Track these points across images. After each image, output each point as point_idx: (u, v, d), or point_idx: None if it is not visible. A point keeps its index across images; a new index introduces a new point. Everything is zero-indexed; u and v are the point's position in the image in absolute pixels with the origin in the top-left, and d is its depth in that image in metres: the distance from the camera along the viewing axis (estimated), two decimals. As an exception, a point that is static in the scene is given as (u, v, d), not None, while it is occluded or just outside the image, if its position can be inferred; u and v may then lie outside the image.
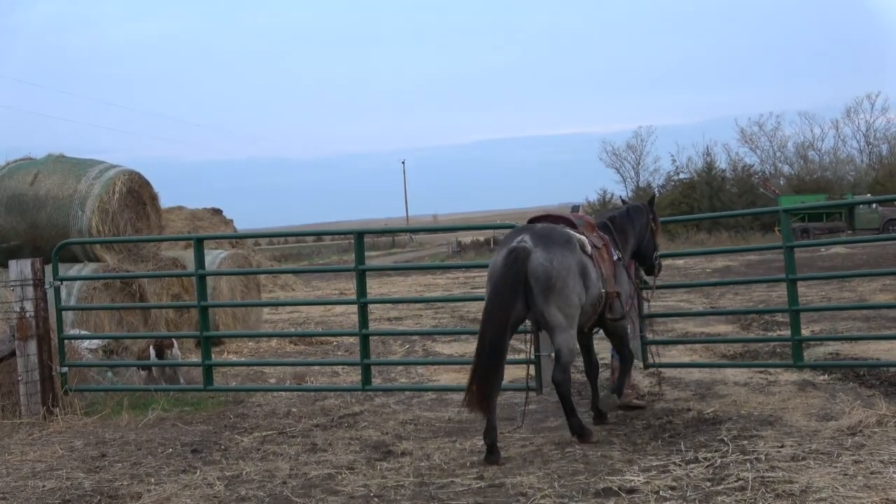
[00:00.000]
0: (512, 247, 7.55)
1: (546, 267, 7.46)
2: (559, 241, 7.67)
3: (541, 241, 7.57)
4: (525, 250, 7.48)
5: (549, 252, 7.51)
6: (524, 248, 7.49)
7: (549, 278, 7.47)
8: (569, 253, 7.64)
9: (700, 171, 68.44)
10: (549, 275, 7.47)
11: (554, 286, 7.49)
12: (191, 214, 37.72)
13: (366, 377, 9.96)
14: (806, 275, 12.76)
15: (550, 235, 7.69)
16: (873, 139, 75.33)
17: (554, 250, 7.55)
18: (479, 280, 32.34)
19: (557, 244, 7.62)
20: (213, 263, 16.80)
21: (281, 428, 9.12)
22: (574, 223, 8.19)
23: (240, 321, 17.19)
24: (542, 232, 7.73)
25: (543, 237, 7.63)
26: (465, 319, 19.43)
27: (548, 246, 7.55)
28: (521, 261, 7.44)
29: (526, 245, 7.52)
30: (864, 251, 33.11)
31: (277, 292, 34.15)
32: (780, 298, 19.75)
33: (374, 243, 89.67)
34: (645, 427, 8.36)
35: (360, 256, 10.01)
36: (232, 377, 12.71)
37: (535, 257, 7.47)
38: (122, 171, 14.69)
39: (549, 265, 7.47)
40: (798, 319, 9.86)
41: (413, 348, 15.09)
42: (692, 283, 19.77)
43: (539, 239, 7.59)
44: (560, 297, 7.53)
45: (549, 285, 7.48)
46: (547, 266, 7.46)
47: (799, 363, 9.86)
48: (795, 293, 9.86)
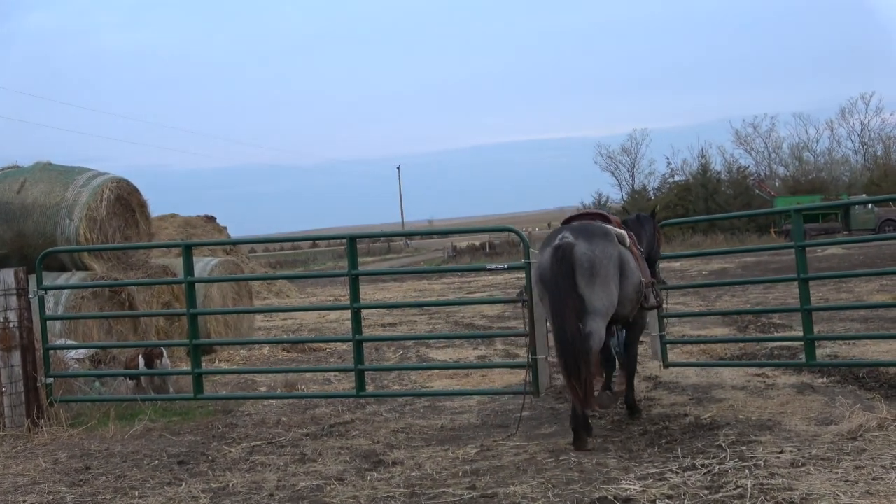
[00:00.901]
0: (556, 244, 7.98)
1: (589, 255, 7.92)
2: (598, 233, 8.17)
3: (581, 235, 8.06)
4: (569, 244, 7.93)
5: (591, 243, 8.00)
6: (568, 243, 7.94)
7: (593, 265, 7.91)
8: (608, 243, 8.12)
9: (695, 173, 68.34)
10: (592, 262, 7.91)
11: (598, 272, 7.93)
12: (184, 222, 37.54)
13: (360, 383, 9.79)
14: (818, 274, 12.60)
15: (589, 229, 8.20)
16: (868, 139, 75.35)
17: (595, 241, 8.04)
18: (475, 285, 32.20)
19: (597, 236, 8.12)
20: (204, 271, 16.63)
21: (270, 437, 8.93)
22: (609, 219, 8.80)
23: (232, 329, 17.01)
24: (580, 228, 8.24)
25: (583, 231, 8.14)
26: (461, 325, 19.27)
27: (588, 238, 8.04)
28: (567, 254, 7.87)
29: (569, 240, 7.98)
30: (860, 251, 33.00)
31: (272, 299, 33.95)
32: (777, 300, 19.66)
33: (369, 249, 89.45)
34: (641, 433, 8.19)
35: (353, 261, 9.86)
36: (222, 386, 12.51)
37: (578, 248, 7.92)
38: (111, 178, 14.51)
39: (591, 254, 7.93)
40: (810, 319, 9.75)
41: (407, 354, 14.92)
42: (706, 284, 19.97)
43: (579, 233, 8.09)
44: (602, 283, 7.96)
45: (592, 272, 7.91)
46: (589, 254, 7.92)
47: (811, 362, 9.78)
48: (808, 293, 9.77)
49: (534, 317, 8.90)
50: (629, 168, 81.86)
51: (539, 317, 8.87)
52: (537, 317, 8.86)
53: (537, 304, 8.70)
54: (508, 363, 11.94)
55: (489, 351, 14.67)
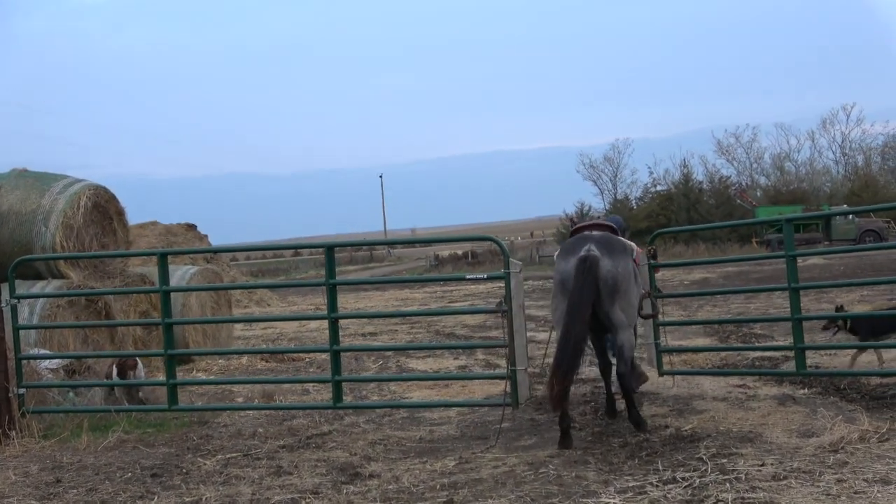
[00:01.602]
0: (583, 255, 8.26)
1: (613, 273, 8.26)
2: (619, 248, 8.53)
3: (605, 250, 8.34)
4: (595, 258, 8.22)
5: (614, 259, 8.32)
6: (594, 256, 8.23)
7: (616, 282, 8.28)
8: (628, 259, 8.57)
9: (677, 183, 68.56)
10: (616, 279, 8.28)
11: (620, 289, 8.33)
12: (165, 230, 37.34)
13: (337, 394, 9.63)
14: (809, 283, 12.57)
15: (612, 243, 8.52)
16: (849, 150, 75.77)
17: (617, 257, 8.37)
18: (457, 294, 32.12)
19: (619, 251, 8.47)
20: (182, 279, 16.48)
21: (246, 449, 8.79)
22: (616, 230, 9.17)
23: (210, 338, 16.84)
24: (603, 240, 8.50)
25: (607, 245, 8.43)
26: (441, 334, 19.17)
27: (612, 253, 8.35)
28: (593, 267, 8.17)
29: (595, 253, 8.25)
30: (841, 261, 33.11)
31: (253, 308, 33.74)
32: (758, 310, 19.64)
33: (351, 258, 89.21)
34: (621, 445, 8.09)
35: (331, 270, 9.68)
36: (198, 396, 12.34)
37: (603, 264, 8.22)
38: (88, 185, 14.35)
39: (615, 271, 8.27)
40: (801, 328, 9.70)
41: (387, 364, 14.80)
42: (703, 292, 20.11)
43: (603, 247, 8.36)
44: (624, 298, 8.40)
45: (615, 289, 8.29)
46: (614, 272, 8.26)
47: (802, 371, 9.74)
48: (798, 302, 9.74)
49: (513, 327, 8.79)
50: (611, 177, 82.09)
51: (519, 327, 8.78)
52: (517, 327, 8.76)
53: (516, 314, 8.63)
54: (487, 374, 11.83)
55: (470, 361, 14.57)
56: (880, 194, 59.59)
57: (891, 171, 71.74)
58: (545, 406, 10.26)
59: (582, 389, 11.15)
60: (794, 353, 9.92)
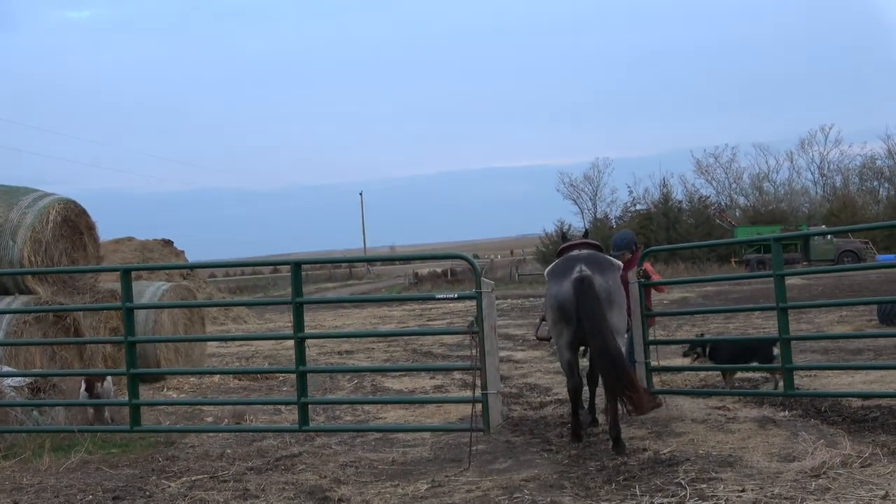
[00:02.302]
0: (577, 276, 8.66)
1: (607, 287, 8.73)
2: (608, 265, 9.04)
3: (596, 268, 8.81)
4: (588, 276, 8.64)
5: (605, 275, 8.82)
6: (588, 275, 8.65)
7: (610, 295, 8.74)
8: (617, 274, 9.09)
9: (657, 203, 68.62)
10: (609, 293, 8.74)
11: (614, 302, 8.79)
12: (141, 245, 36.96)
13: (303, 417, 9.30)
14: (797, 303, 12.43)
15: (600, 261, 9.02)
16: (827, 171, 76.16)
17: (607, 273, 8.88)
18: (435, 312, 31.88)
19: (608, 268, 8.98)
20: (154, 296, 16.19)
21: (212, 472, 8.53)
22: (600, 248, 9.62)
23: (183, 356, 16.54)
24: (592, 259, 8.97)
25: (597, 264, 8.91)
26: (418, 353, 18.95)
27: (602, 270, 8.85)
28: (590, 285, 8.58)
29: (587, 272, 8.68)
30: (820, 282, 33.16)
31: (229, 325, 33.42)
32: (737, 329, 19.53)
33: (330, 275, 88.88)
34: (598, 469, 7.88)
35: (298, 288, 9.33)
36: (167, 415, 12.02)
37: (596, 280, 8.67)
38: (57, 199, 14.05)
39: (607, 285, 8.75)
40: (789, 348, 9.52)
41: (362, 383, 14.54)
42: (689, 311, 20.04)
43: (593, 266, 8.82)
44: (618, 309, 8.86)
45: (610, 301, 8.72)
46: (607, 287, 8.74)
47: (790, 392, 9.56)
48: (786, 322, 9.57)
49: (485, 349, 8.50)
50: (591, 196, 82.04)
51: (490, 349, 8.52)
52: (488, 349, 8.49)
53: (488, 335, 8.40)
54: (457, 398, 11.50)
55: (446, 380, 14.34)
56: (858, 215, 59.89)
57: (869, 192, 72.14)
58: (521, 427, 10.07)
59: (559, 410, 10.95)
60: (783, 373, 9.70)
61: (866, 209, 64.89)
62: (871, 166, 72.73)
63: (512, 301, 37.08)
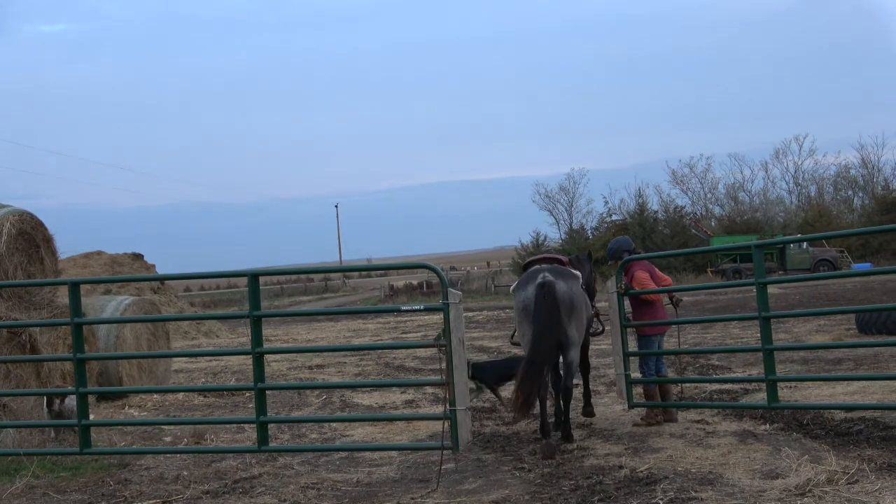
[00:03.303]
0: (540, 282, 9.12)
1: (569, 294, 9.17)
2: (569, 275, 9.47)
3: (559, 275, 9.29)
4: (551, 282, 9.11)
5: (567, 283, 9.25)
6: (550, 281, 9.11)
7: (572, 302, 9.17)
8: (578, 283, 9.46)
9: (632, 213, 68.42)
10: (572, 299, 9.18)
11: (575, 308, 9.20)
12: (111, 259, 36.32)
13: (262, 437, 8.71)
14: (780, 312, 12.04)
15: (562, 271, 9.49)
16: (802, 180, 76.17)
17: (570, 281, 9.31)
18: (410, 325, 31.45)
19: (570, 277, 9.41)
20: (116, 310, 15.68)
21: (166, 496, 8.07)
22: (563, 262, 10.15)
23: (146, 372, 16.03)
24: (555, 269, 9.50)
25: (559, 272, 9.39)
26: (391, 367, 18.50)
27: (565, 278, 9.29)
28: (551, 290, 9.04)
29: (550, 279, 9.14)
30: (797, 290, 32.99)
31: (201, 339, 32.80)
32: (715, 340, 19.22)
33: (306, 287, 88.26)
34: (572, 489, 7.48)
35: (255, 301, 8.76)
36: (125, 436, 11.47)
37: (559, 287, 9.12)
38: (12, 211, 13.52)
39: (570, 292, 9.19)
40: (773, 359, 9.13)
41: (330, 399, 14.07)
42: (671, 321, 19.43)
43: (557, 274, 9.32)
44: (578, 317, 9.27)
45: (571, 308, 9.16)
46: (569, 293, 9.18)
47: (774, 404, 9.10)
48: (769, 331, 9.16)
49: (453, 363, 8.01)
50: (567, 207, 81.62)
51: (459, 363, 8.06)
52: (456, 363, 8.00)
53: (456, 349, 7.97)
54: (425, 415, 11.08)
55: (418, 395, 13.91)
56: (833, 224, 59.94)
57: (843, 202, 72.29)
58: (493, 444, 9.67)
59: (532, 426, 10.56)
60: (765, 384, 9.27)
61: (841, 218, 65.00)
62: (845, 175, 72.89)
63: (488, 312, 36.72)
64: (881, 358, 13.93)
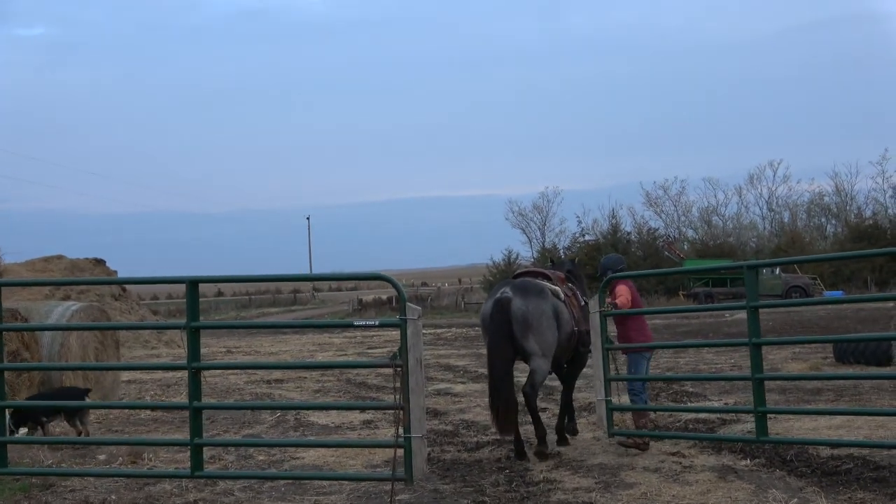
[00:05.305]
0: (496, 298, 9.55)
1: (523, 311, 9.43)
2: (533, 290, 9.66)
3: (518, 292, 9.58)
4: (507, 299, 9.47)
5: (525, 299, 9.49)
6: (506, 298, 9.48)
7: (526, 319, 9.41)
8: (541, 300, 9.59)
9: (605, 234, 68.06)
10: (525, 316, 9.41)
11: (530, 325, 9.41)
12: (71, 264, 35.44)
13: (195, 461, 7.83)
14: (771, 339, 11.42)
15: (526, 287, 9.71)
16: (775, 206, 76.16)
17: (529, 298, 9.52)
18: (377, 340, 30.68)
19: (532, 293, 9.61)
20: (62, 316, 14.85)
21: (88, 523, 7.28)
22: (550, 277, 10.34)
23: (93, 383, 15.16)
24: (519, 284, 9.77)
25: (520, 288, 9.65)
26: (353, 383, 17.76)
27: (524, 295, 9.54)
28: (504, 307, 9.42)
29: (507, 295, 9.52)
30: (770, 317, 32.50)
31: (161, 349, 31.88)
32: (688, 365, 18.62)
33: (274, 299, 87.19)
34: (537, 528, 6.78)
35: (194, 311, 7.92)
36: (55, 454, 10.55)
37: (514, 304, 9.43)
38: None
39: (525, 309, 9.43)
40: (762, 388, 8.45)
41: (285, 417, 13.29)
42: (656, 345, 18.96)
43: (517, 290, 9.61)
44: (535, 332, 9.44)
45: (525, 324, 9.40)
46: (523, 310, 9.43)
47: (763, 438, 8.42)
48: (760, 359, 8.50)
49: (409, 386, 7.21)
50: (540, 226, 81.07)
51: (416, 386, 7.24)
52: (413, 386, 7.19)
53: (413, 370, 7.19)
54: (376, 442, 10.23)
55: (377, 415, 13.15)
56: (806, 251, 59.75)
57: (816, 229, 72.29)
58: (453, 473, 8.95)
59: (497, 453, 9.86)
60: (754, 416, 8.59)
61: (814, 245, 64.93)
62: (818, 203, 72.96)
63: (457, 330, 36.02)
64: (862, 389, 13.36)
